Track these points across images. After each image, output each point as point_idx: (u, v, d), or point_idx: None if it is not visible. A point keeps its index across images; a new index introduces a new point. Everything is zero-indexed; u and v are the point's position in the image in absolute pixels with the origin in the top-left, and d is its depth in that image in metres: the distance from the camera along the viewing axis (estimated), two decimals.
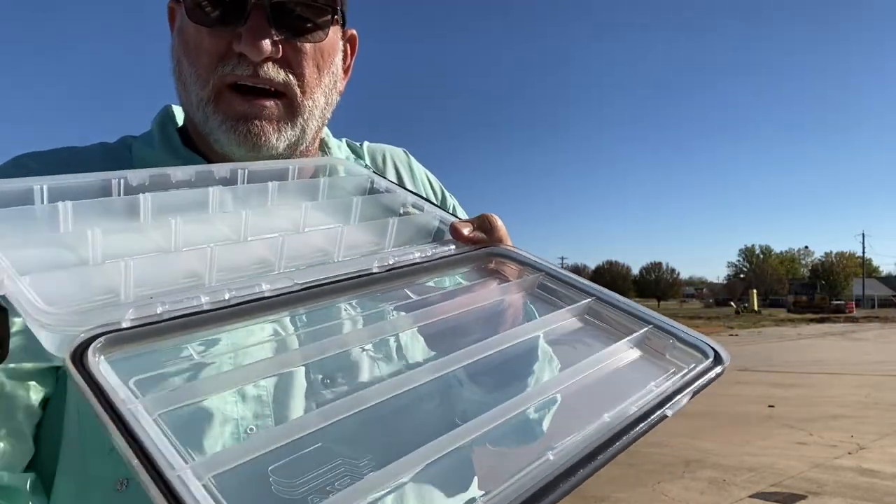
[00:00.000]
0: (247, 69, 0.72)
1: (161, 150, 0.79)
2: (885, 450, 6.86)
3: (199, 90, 0.74)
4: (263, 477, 0.44)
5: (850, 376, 13.06)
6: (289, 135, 0.76)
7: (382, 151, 1.00)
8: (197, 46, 0.73)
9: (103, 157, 0.79)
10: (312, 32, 0.75)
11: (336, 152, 0.92)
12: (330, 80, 0.80)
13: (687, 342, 0.60)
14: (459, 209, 1.04)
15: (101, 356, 0.45)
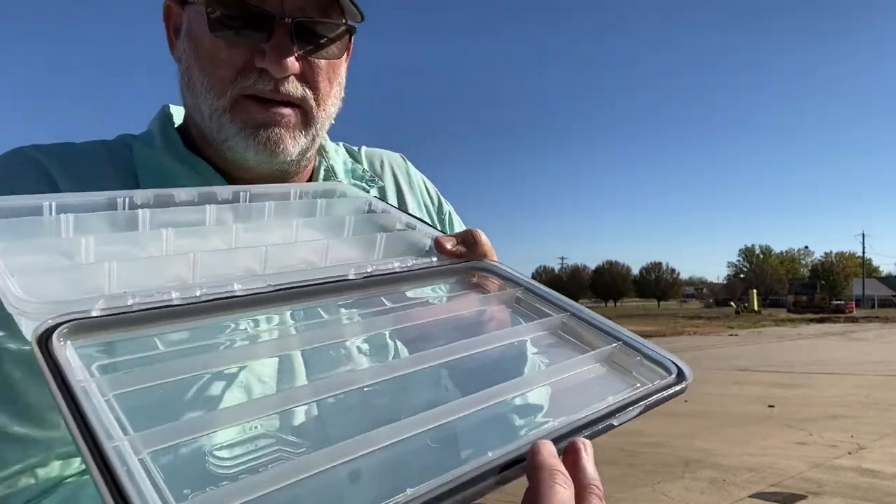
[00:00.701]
0: (268, 84, 0.73)
1: (162, 152, 0.80)
2: (885, 450, 6.86)
3: (214, 100, 0.75)
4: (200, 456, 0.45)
5: (850, 376, 13.06)
6: (302, 142, 0.78)
7: (380, 156, 1.00)
8: (214, 57, 0.73)
9: (108, 156, 0.79)
10: (329, 49, 0.77)
11: (333, 156, 0.93)
12: (338, 90, 0.83)
13: (653, 359, 0.62)
14: (455, 216, 1.04)
15: (66, 341, 0.47)
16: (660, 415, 8.91)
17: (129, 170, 0.79)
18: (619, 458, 6.53)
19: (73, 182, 0.73)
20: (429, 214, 0.99)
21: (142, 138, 0.83)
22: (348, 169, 0.94)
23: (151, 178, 0.78)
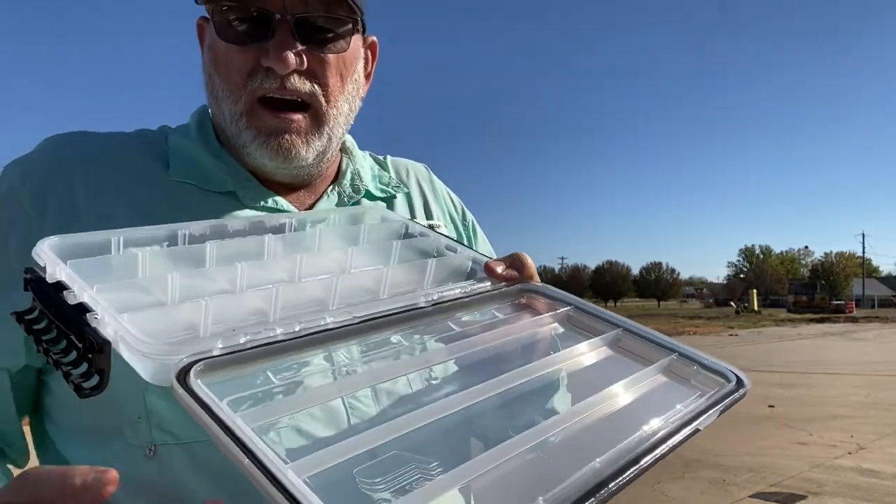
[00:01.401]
0: (274, 82, 0.75)
1: (196, 142, 0.83)
2: (885, 450, 6.86)
3: (232, 105, 0.78)
4: (350, 478, 0.48)
5: (850, 376, 13.06)
6: (317, 145, 0.80)
7: (405, 166, 1.03)
8: (227, 63, 0.76)
9: (140, 145, 0.82)
10: (335, 43, 0.78)
11: (361, 162, 0.95)
12: (353, 88, 0.83)
13: (710, 368, 0.67)
14: (477, 226, 1.07)
15: (198, 379, 0.51)
16: None
17: (161, 156, 0.82)
18: None
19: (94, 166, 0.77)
20: (453, 223, 1.01)
21: (179, 129, 0.86)
22: (375, 175, 0.96)
23: (182, 164, 0.81)
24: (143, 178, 0.79)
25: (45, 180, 0.76)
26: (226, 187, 0.81)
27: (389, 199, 0.95)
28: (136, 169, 0.79)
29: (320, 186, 0.89)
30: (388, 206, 0.94)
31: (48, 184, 0.76)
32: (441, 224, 0.97)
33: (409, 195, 0.98)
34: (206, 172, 0.81)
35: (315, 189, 0.89)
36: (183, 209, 0.78)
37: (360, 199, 0.91)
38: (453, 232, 1.00)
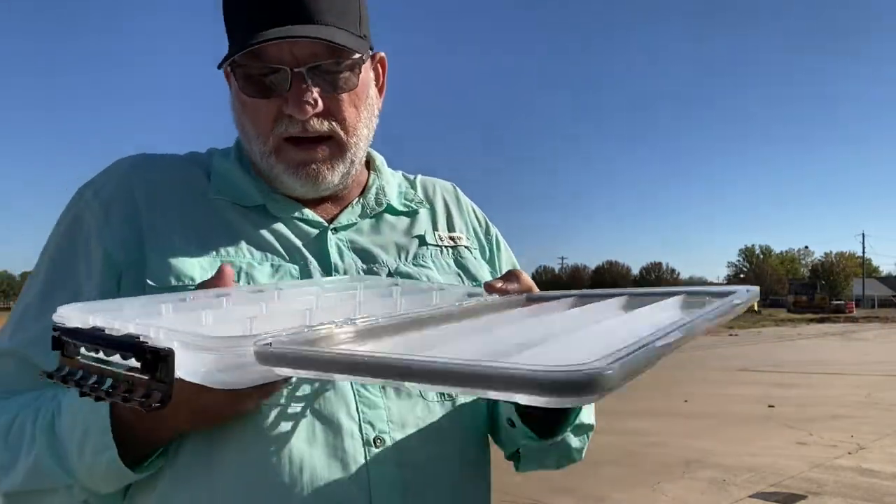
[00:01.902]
0: (297, 126, 0.85)
1: (234, 164, 0.94)
2: (885, 450, 6.86)
3: (261, 146, 0.88)
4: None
5: (850, 376, 13.06)
6: (340, 168, 0.90)
7: (433, 183, 1.11)
8: (254, 112, 0.87)
9: (190, 165, 0.94)
10: (346, 82, 0.87)
11: (389, 178, 1.04)
12: (368, 112, 0.92)
13: (719, 293, 0.73)
14: (501, 238, 1.13)
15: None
16: (660, 415, 8.92)
17: (206, 175, 0.93)
18: (619, 458, 6.52)
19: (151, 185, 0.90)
20: (476, 237, 1.08)
21: (223, 151, 0.98)
22: (401, 192, 1.05)
23: (221, 183, 0.92)
24: (190, 194, 0.90)
25: (111, 195, 0.88)
26: (256, 202, 0.91)
27: (412, 213, 1.03)
28: (185, 187, 0.91)
29: (346, 199, 0.98)
30: (411, 220, 1.02)
31: (114, 198, 0.88)
32: (463, 236, 1.05)
33: (433, 210, 1.06)
34: (240, 189, 0.92)
35: (341, 201, 0.97)
36: (220, 223, 0.89)
37: (382, 212, 1.00)
38: (476, 243, 1.07)
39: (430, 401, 0.88)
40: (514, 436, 0.93)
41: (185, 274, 0.83)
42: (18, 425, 0.77)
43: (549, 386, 0.40)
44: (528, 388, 0.41)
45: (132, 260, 0.84)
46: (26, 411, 0.78)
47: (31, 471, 0.74)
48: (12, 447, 0.77)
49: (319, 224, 0.93)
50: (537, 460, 0.99)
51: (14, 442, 0.77)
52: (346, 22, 0.86)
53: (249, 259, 0.87)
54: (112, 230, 0.86)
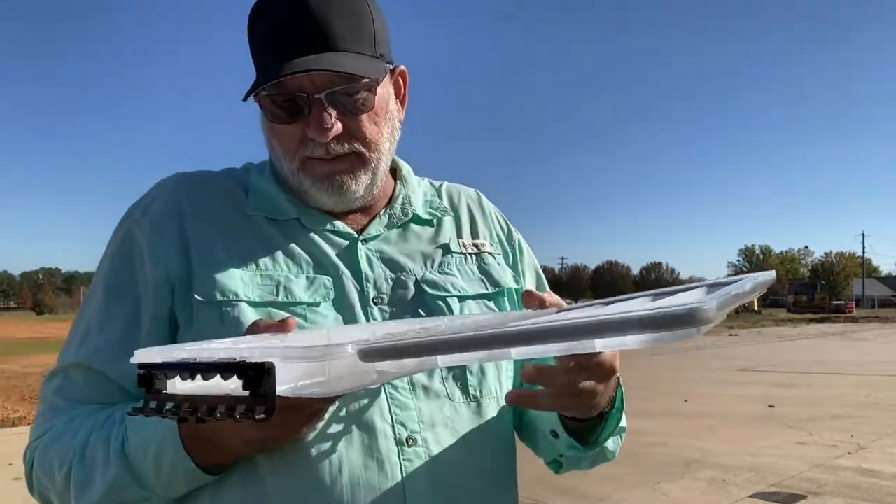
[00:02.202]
0: (320, 149, 0.91)
1: (269, 179, 1.00)
2: (885, 450, 6.86)
3: (289, 164, 0.94)
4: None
5: (850, 376, 13.06)
6: (363, 179, 0.95)
7: (458, 190, 1.16)
8: (280, 135, 0.93)
9: (229, 182, 1.01)
10: (364, 103, 0.91)
11: (415, 187, 1.08)
12: (388, 126, 0.97)
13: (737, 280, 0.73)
14: (524, 243, 1.16)
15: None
16: (660, 415, 8.91)
17: (244, 190, 1.00)
18: (619, 458, 6.44)
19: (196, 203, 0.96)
20: (500, 242, 1.12)
21: (258, 167, 1.04)
22: (427, 199, 1.09)
23: (257, 199, 0.98)
24: (231, 210, 0.96)
25: (161, 212, 0.94)
26: (291, 216, 0.97)
27: (437, 221, 1.08)
28: (226, 203, 0.97)
29: (374, 209, 1.02)
30: (436, 228, 1.07)
31: (163, 215, 0.94)
32: (486, 243, 1.09)
33: (457, 217, 1.10)
34: (276, 205, 0.97)
35: (369, 212, 1.02)
36: (259, 237, 0.95)
37: (408, 222, 1.04)
38: (499, 249, 1.11)
39: (456, 402, 0.93)
40: (558, 446, 0.97)
41: (229, 289, 0.89)
42: (92, 447, 0.84)
43: (661, 321, 0.46)
44: (641, 328, 0.47)
45: (182, 274, 0.90)
46: (97, 434, 0.85)
47: (110, 488, 0.82)
48: (88, 467, 0.84)
49: (350, 235, 0.98)
50: (576, 464, 1.04)
51: (89, 462, 0.84)
52: (362, 45, 0.90)
53: (286, 272, 0.92)
54: (164, 246, 0.92)
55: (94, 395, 0.90)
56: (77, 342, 0.93)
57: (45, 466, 0.87)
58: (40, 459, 0.88)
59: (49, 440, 0.88)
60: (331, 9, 0.88)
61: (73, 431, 0.87)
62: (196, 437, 0.78)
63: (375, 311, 0.93)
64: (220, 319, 0.87)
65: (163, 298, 0.90)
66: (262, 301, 0.89)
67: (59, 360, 0.94)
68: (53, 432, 0.89)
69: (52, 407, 0.91)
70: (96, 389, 0.90)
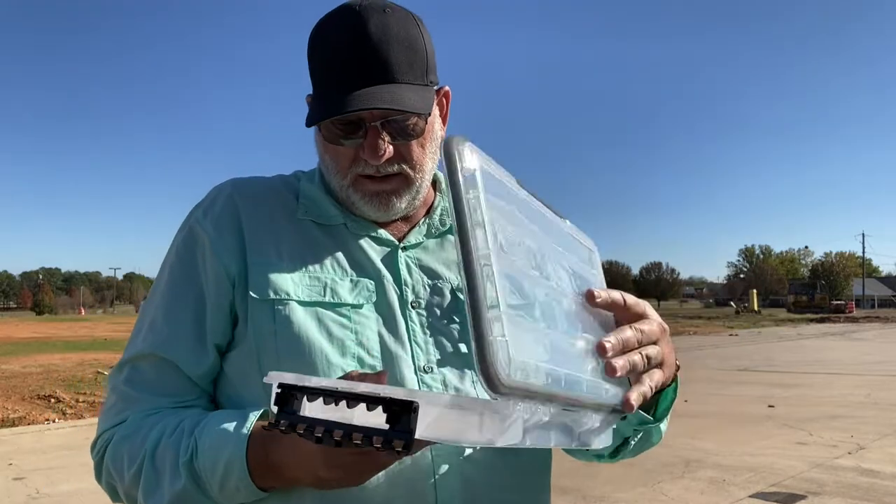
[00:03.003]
0: (371, 169, 0.97)
1: (318, 187, 1.05)
2: (885, 450, 6.86)
3: (340, 180, 0.99)
4: None
5: (850, 376, 13.06)
6: (407, 198, 1.00)
7: None
8: (334, 153, 0.99)
9: (282, 188, 1.06)
10: (414, 129, 0.97)
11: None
12: (433, 146, 1.02)
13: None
14: None
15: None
16: None
17: (295, 195, 1.05)
18: None
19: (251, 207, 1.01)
20: None
21: (308, 174, 1.09)
22: None
23: (307, 205, 1.03)
24: (282, 215, 1.02)
25: (220, 213, 1.00)
26: (337, 221, 1.02)
27: None
28: (278, 207, 1.03)
29: (414, 218, 1.08)
30: None
31: (223, 215, 1.00)
32: None
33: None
34: (324, 211, 1.03)
35: (410, 220, 1.07)
36: (308, 241, 1.00)
37: (446, 232, 1.09)
38: None
39: None
40: (623, 428, 1.00)
41: (281, 288, 0.94)
42: (161, 454, 0.89)
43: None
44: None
45: (240, 271, 0.96)
46: (168, 440, 0.90)
47: (177, 498, 0.87)
48: (158, 472, 0.89)
49: (391, 242, 1.03)
50: (639, 446, 1.08)
51: (159, 468, 0.89)
52: (415, 75, 0.96)
53: (332, 275, 0.97)
54: (224, 244, 0.97)
55: (165, 386, 0.96)
56: (144, 333, 0.98)
57: (117, 462, 0.92)
58: (112, 453, 0.93)
59: (122, 436, 0.93)
60: (389, 38, 0.94)
61: (144, 432, 0.92)
62: (263, 463, 0.83)
63: (413, 314, 0.97)
64: (272, 316, 0.93)
65: (225, 291, 0.96)
66: (311, 301, 0.94)
67: (126, 352, 0.99)
68: (126, 428, 0.94)
69: (125, 398, 0.96)
70: (166, 380, 0.96)
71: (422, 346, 0.96)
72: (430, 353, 0.96)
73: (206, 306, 0.96)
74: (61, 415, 9.27)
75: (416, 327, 0.97)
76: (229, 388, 0.98)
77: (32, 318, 76.03)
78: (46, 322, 51.52)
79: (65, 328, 36.92)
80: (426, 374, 0.94)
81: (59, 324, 44.65)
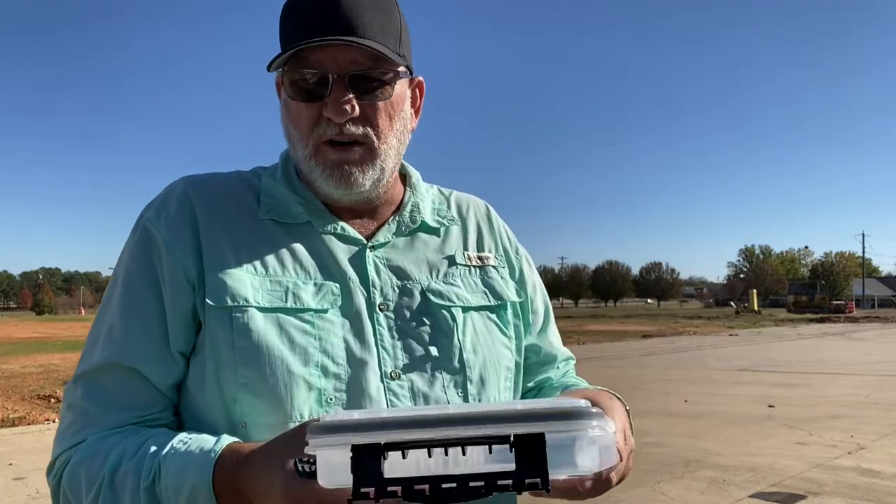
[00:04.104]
0: (334, 129, 0.92)
1: (281, 182, 1.01)
2: (885, 450, 6.86)
3: (303, 149, 0.95)
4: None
5: (850, 376, 13.05)
6: (370, 174, 0.95)
7: (467, 201, 1.16)
8: (297, 116, 0.94)
9: (240, 186, 1.01)
10: (381, 91, 0.94)
11: (424, 194, 1.09)
12: (401, 125, 0.98)
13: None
14: (527, 259, 1.18)
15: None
16: (660, 415, 8.91)
17: (255, 195, 1.00)
18: None
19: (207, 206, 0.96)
20: (506, 256, 1.13)
21: (269, 170, 1.05)
22: (435, 208, 1.10)
23: (269, 204, 0.99)
24: (242, 215, 0.97)
25: (175, 214, 0.94)
26: (303, 219, 0.98)
27: (445, 230, 1.08)
28: (237, 207, 0.98)
29: (383, 215, 1.04)
30: (443, 238, 1.07)
31: (178, 216, 0.94)
32: (491, 256, 1.10)
33: (464, 229, 1.11)
34: (288, 209, 0.98)
35: (378, 217, 1.03)
36: (269, 243, 0.95)
37: (416, 230, 1.05)
38: (504, 262, 1.11)
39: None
40: None
41: (239, 294, 0.89)
42: (122, 477, 0.82)
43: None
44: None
45: (199, 274, 0.91)
46: (128, 463, 0.83)
47: None
48: (118, 496, 0.82)
49: (358, 241, 0.99)
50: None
51: (119, 492, 0.82)
52: (386, 39, 0.93)
53: (295, 278, 0.93)
54: (180, 246, 0.92)
55: (127, 400, 0.89)
56: (101, 343, 0.91)
57: (74, 486, 0.85)
58: (70, 477, 0.86)
59: (80, 458, 0.86)
60: (363, 2, 0.91)
61: (104, 454, 0.84)
62: (231, 490, 0.76)
63: (381, 317, 0.94)
64: (230, 325, 0.87)
65: (185, 296, 0.90)
66: (272, 307, 0.89)
67: (81, 365, 0.92)
68: (84, 450, 0.86)
69: (83, 415, 0.89)
70: (129, 392, 0.89)
71: (389, 350, 0.92)
72: (399, 357, 0.92)
73: (165, 312, 0.90)
74: None
75: (383, 331, 0.93)
76: (187, 400, 0.92)
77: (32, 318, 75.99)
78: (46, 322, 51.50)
79: (65, 328, 36.90)
80: (392, 380, 0.91)
81: (59, 324, 44.65)
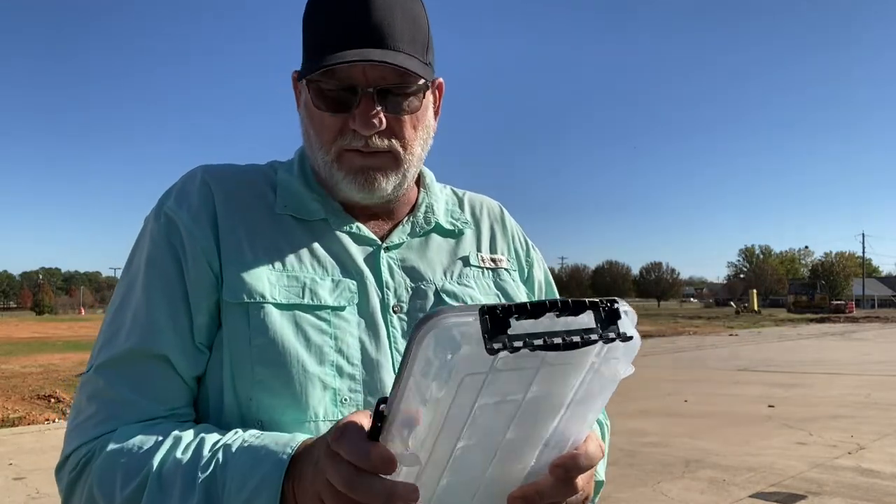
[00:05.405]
0: (360, 141, 0.91)
1: (297, 178, 1.00)
2: (885, 450, 6.86)
3: (324, 155, 0.94)
4: None
5: (850, 376, 13.06)
6: (394, 179, 0.95)
7: (480, 202, 1.17)
8: (321, 123, 0.93)
9: (258, 179, 1.00)
10: (409, 104, 0.93)
11: (438, 195, 1.10)
12: (424, 133, 0.98)
13: None
14: (540, 261, 1.18)
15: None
16: (660, 415, 8.92)
17: (272, 189, 0.99)
18: (619, 458, 6.52)
19: (226, 197, 0.95)
20: (517, 257, 1.13)
21: (285, 165, 1.04)
22: (448, 209, 1.10)
23: (285, 198, 0.98)
24: (259, 207, 0.96)
25: (196, 202, 0.93)
26: (319, 216, 0.97)
27: (458, 232, 1.08)
28: (254, 200, 0.96)
29: (397, 216, 1.03)
30: (456, 240, 1.07)
31: (199, 205, 0.93)
32: (504, 258, 1.10)
33: (478, 231, 1.11)
34: (304, 205, 0.97)
35: (393, 218, 1.03)
36: (286, 238, 0.94)
37: (430, 231, 1.04)
38: (515, 265, 1.11)
39: None
40: None
41: (256, 290, 0.88)
42: (172, 467, 0.77)
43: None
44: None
45: (218, 269, 0.89)
46: (181, 455, 0.78)
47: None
48: (165, 489, 0.77)
49: (373, 242, 0.98)
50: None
51: (167, 484, 0.77)
52: (416, 49, 0.92)
53: (312, 274, 0.92)
54: (206, 239, 0.90)
55: (158, 390, 0.85)
56: (126, 330, 0.87)
57: (106, 479, 0.79)
58: (100, 471, 0.80)
59: (115, 449, 0.80)
60: (394, 9, 0.90)
61: (147, 445, 0.79)
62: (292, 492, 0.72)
63: (395, 319, 0.93)
64: (246, 321, 0.86)
65: (210, 286, 0.88)
66: (289, 303, 0.88)
67: (101, 355, 0.87)
68: (119, 439, 0.81)
69: (109, 404, 0.84)
70: (159, 383, 0.85)
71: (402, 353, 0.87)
72: None
73: (190, 303, 0.87)
74: (61, 415, 9.27)
75: (397, 333, 0.91)
76: (201, 396, 0.90)
77: (32, 318, 75.94)
78: (46, 322, 51.47)
79: (65, 328, 36.88)
80: None
81: (59, 324, 44.62)
